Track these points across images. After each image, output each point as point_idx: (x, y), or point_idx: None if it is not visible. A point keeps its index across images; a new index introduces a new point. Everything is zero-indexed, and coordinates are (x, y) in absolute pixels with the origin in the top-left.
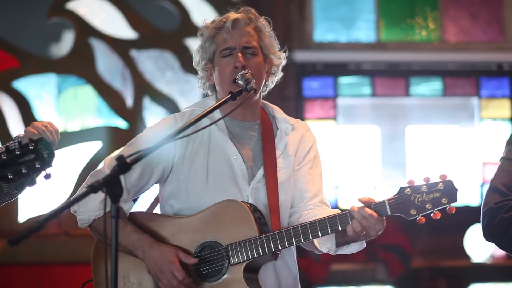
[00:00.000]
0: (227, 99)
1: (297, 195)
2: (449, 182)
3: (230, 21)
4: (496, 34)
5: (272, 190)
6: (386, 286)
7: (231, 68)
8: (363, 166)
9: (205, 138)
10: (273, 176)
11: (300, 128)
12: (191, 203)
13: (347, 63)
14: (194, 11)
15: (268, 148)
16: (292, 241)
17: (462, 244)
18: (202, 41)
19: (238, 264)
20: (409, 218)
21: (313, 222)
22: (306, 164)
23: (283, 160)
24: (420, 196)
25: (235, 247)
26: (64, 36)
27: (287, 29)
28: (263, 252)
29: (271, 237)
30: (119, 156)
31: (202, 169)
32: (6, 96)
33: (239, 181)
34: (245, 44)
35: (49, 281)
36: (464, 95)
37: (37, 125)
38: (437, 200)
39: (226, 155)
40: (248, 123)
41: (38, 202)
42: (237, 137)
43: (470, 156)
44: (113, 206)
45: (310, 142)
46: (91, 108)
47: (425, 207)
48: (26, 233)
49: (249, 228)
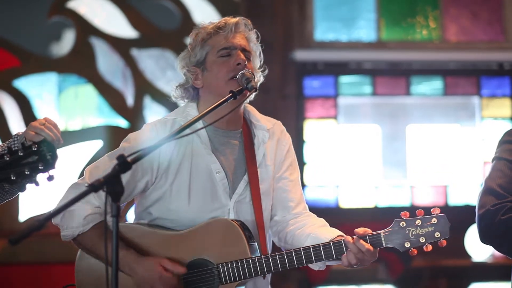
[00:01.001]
0: (228, 98)
1: (279, 204)
2: (442, 218)
3: (233, 23)
4: (496, 33)
5: (257, 203)
6: (386, 285)
7: (231, 65)
8: (363, 165)
9: (187, 151)
10: (256, 187)
11: (276, 131)
12: (171, 216)
13: (348, 62)
14: (195, 10)
15: (250, 158)
16: (285, 266)
17: (463, 243)
18: (194, 43)
19: (229, 283)
20: (402, 250)
21: (307, 249)
22: (285, 171)
23: (263, 169)
24: (414, 229)
25: (226, 267)
26: (65, 35)
27: (287, 28)
28: (256, 274)
29: (264, 260)
30: (120, 156)
31: (184, 185)
32: (6, 95)
33: (221, 196)
34: (244, 47)
35: (49, 281)
36: (465, 94)
37: (35, 125)
38: (430, 234)
39: (208, 169)
40: (231, 132)
41: (38, 201)
42: (220, 148)
43: (470, 156)
44: (113, 205)
45: (286, 145)
46: (92, 107)
47: (418, 240)
48: (26, 233)
49: (241, 248)
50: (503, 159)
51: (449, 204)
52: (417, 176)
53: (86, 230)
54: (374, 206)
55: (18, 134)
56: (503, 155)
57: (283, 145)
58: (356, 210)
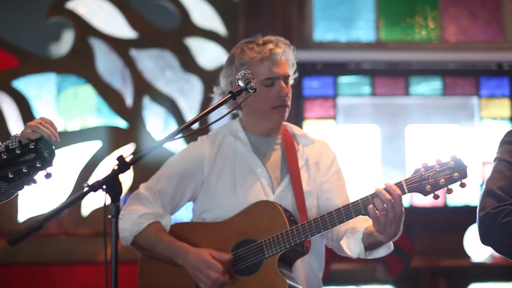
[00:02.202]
0: (227, 98)
1: (326, 205)
2: (459, 160)
3: (278, 53)
4: (496, 33)
5: (299, 195)
6: (385, 285)
7: (275, 95)
8: (362, 165)
9: (231, 154)
10: (298, 186)
11: (319, 144)
12: (220, 214)
13: (346, 62)
14: (194, 10)
15: (291, 160)
16: (320, 229)
17: (462, 243)
18: (238, 63)
19: (272, 256)
20: (425, 195)
21: (338, 209)
22: (332, 176)
23: (306, 172)
24: (433, 174)
25: (269, 242)
26: (64, 35)
27: (286, 29)
28: (295, 242)
29: (301, 227)
30: (119, 156)
31: (229, 182)
32: (5, 96)
33: (265, 190)
34: (286, 74)
35: (48, 281)
36: (464, 94)
37: (31, 124)
38: (450, 176)
39: (251, 167)
40: (271, 139)
41: (37, 202)
42: (261, 151)
43: (470, 156)
44: (113, 206)
45: (331, 156)
46: (91, 107)
47: (439, 183)
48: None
49: (281, 224)
50: (503, 160)
51: (448, 205)
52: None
53: (141, 230)
54: None
55: (16, 135)
56: (503, 156)
57: (328, 155)
58: None
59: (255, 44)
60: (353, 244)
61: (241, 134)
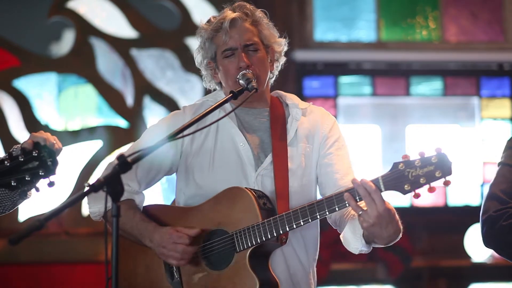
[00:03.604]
0: (228, 98)
1: (326, 181)
2: (443, 155)
3: (227, 21)
4: (496, 34)
5: (280, 177)
6: (386, 285)
7: (235, 68)
8: (363, 165)
9: (213, 126)
10: (282, 163)
11: (314, 112)
12: (199, 189)
13: (347, 62)
14: (194, 10)
15: (277, 135)
16: (292, 224)
17: (463, 243)
18: (201, 41)
19: (243, 251)
20: (404, 193)
21: (311, 204)
22: (330, 147)
23: (294, 147)
24: (414, 170)
25: (239, 234)
26: (65, 35)
27: (287, 29)
28: (266, 238)
29: (272, 221)
30: (120, 156)
31: (209, 156)
32: (6, 95)
33: (246, 167)
34: (246, 42)
35: (49, 280)
36: (465, 94)
37: (36, 134)
38: (431, 174)
39: (233, 141)
40: (257, 110)
41: (38, 201)
42: (246, 124)
43: (470, 156)
44: (113, 205)
45: (329, 125)
46: (92, 107)
47: (419, 181)
48: (26, 232)
49: (253, 215)
50: (507, 165)
51: (448, 205)
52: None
53: None
54: None
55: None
56: (507, 161)
57: (325, 124)
58: None
59: (213, 17)
60: (351, 240)
61: (226, 104)
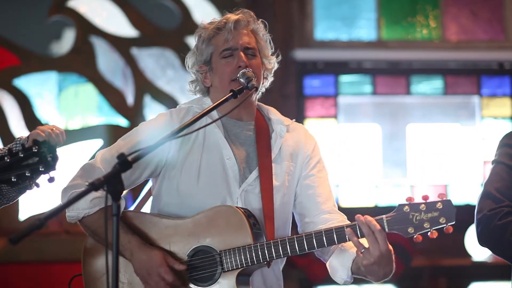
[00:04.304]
0: (229, 97)
1: (307, 202)
2: (448, 202)
3: (232, 21)
4: (497, 32)
5: (267, 195)
6: (386, 285)
7: (233, 67)
8: (364, 164)
9: (200, 135)
10: (268, 180)
11: (297, 130)
12: (180, 199)
13: (348, 61)
14: (195, 9)
15: (263, 151)
16: (287, 252)
17: (463, 242)
18: (199, 42)
19: (231, 270)
20: (407, 236)
21: (309, 234)
22: (312, 169)
23: (278, 164)
24: (419, 215)
25: (229, 254)
26: (65, 34)
27: (288, 28)
28: (257, 261)
29: (266, 246)
30: (120, 155)
31: (194, 167)
32: (7, 94)
33: (230, 181)
34: (247, 45)
35: (49, 279)
36: (465, 93)
37: (42, 128)
38: (435, 220)
39: (219, 154)
40: (244, 123)
41: (38, 200)
42: (233, 136)
43: (471, 155)
44: (114, 205)
45: (311, 145)
46: (92, 106)
47: (423, 226)
48: (26, 232)
49: (244, 235)
50: (501, 163)
51: None
52: (417, 175)
53: (92, 213)
54: (374, 205)
55: (21, 138)
56: (502, 159)
57: (308, 144)
58: (356, 209)
59: (214, 19)
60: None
61: (213, 112)
